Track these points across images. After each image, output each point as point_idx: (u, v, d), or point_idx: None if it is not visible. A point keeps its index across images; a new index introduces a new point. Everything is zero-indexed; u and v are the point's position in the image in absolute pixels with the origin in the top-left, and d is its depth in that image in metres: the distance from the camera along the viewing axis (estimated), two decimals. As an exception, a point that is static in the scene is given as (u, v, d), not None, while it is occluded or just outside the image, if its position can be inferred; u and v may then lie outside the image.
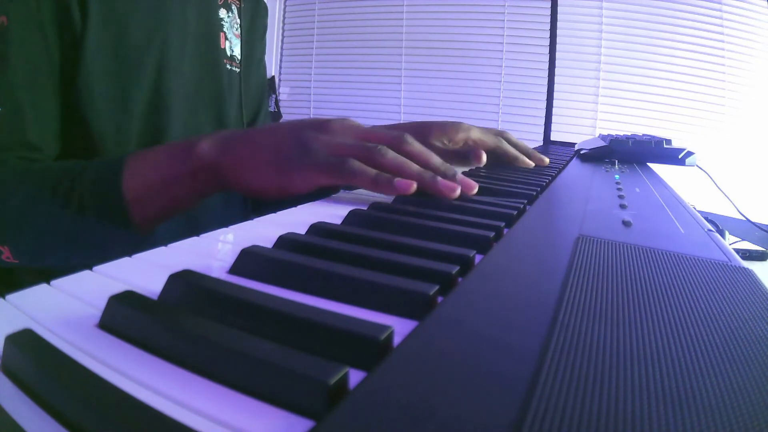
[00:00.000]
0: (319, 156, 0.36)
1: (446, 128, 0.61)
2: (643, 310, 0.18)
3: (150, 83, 0.52)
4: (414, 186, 0.36)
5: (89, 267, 0.22)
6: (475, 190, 0.39)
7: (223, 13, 0.62)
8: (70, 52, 0.47)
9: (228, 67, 0.63)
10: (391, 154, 0.36)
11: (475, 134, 0.62)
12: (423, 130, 0.60)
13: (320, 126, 0.38)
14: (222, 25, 0.62)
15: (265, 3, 0.75)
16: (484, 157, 0.56)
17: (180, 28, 0.54)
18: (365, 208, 0.33)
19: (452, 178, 0.38)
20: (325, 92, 2.50)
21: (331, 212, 0.35)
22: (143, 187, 0.37)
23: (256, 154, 0.37)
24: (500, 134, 0.65)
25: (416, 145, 0.39)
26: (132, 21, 0.50)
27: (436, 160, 0.39)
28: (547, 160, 0.67)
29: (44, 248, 0.39)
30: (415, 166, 0.37)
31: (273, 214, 0.35)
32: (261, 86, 0.77)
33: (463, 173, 0.56)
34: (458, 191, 0.37)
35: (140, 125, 0.52)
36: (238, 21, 0.65)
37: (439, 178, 0.36)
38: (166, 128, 0.54)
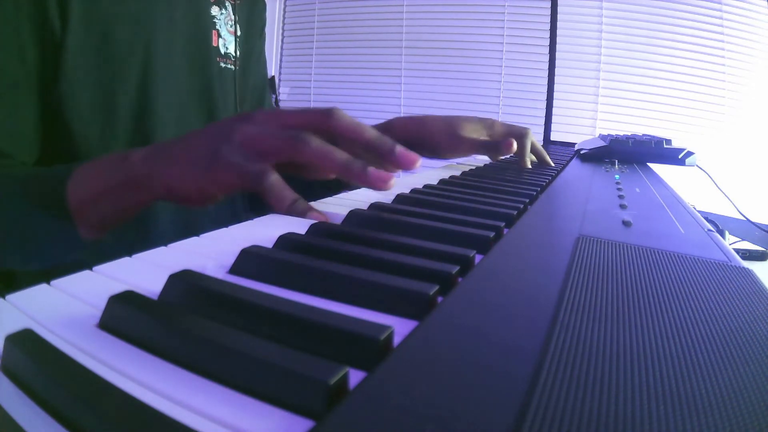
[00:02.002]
0: (233, 153, 0.33)
1: (473, 123, 0.64)
2: (643, 310, 0.18)
3: (136, 85, 0.51)
4: (327, 219, 0.33)
5: (89, 267, 0.22)
6: (419, 163, 0.35)
7: (215, 10, 0.61)
8: (50, 58, 0.46)
9: (221, 65, 0.62)
10: (315, 144, 0.32)
11: (500, 129, 0.66)
12: (451, 122, 0.63)
13: (242, 118, 0.35)
14: (214, 22, 0.61)
15: None
16: (515, 146, 0.59)
17: (167, 27, 0.54)
18: (365, 208, 0.33)
19: (389, 151, 0.34)
20: (325, 92, 2.50)
21: (331, 212, 0.35)
22: (83, 198, 0.36)
23: (178, 157, 0.35)
24: (524, 133, 0.67)
25: (345, 120, 0.34)
26: (116, 22, 0.49)
27: (368, 133, 0.35)
28: (551, 164, 0.69)
29: (2, 250, 0.39)
30: (341, 155, 0.33)
31: (273, 214, 0.35)
32: (261, 82, 0.76)
33: (462, 174, 0.56)
34: (392, 182, 0.33)
35: (128, 128, 0.51)
36: (233, 18, 0.64)
37: (370, 169, 0.33)
38: (155, 130, 0.53)
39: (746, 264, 0.25)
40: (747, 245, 1.01)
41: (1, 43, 0.43)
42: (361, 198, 0.42)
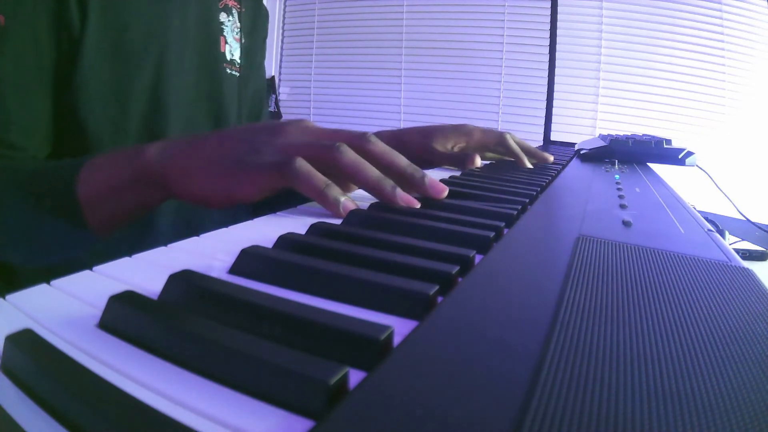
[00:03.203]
0: (266, 156, 0.33)
1: (447, 132, 0.63)
2: (643, 310, 0.18)
3: (149, 85, 0.52)
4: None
5: (89, 267, 0.22)
6: (445, 194, 0.37)
7: (223, 16, 0.62)
8: (68, 53, 0.46)
9: (228, 71, 0.63)
10: (351, 154, 0.33)
11: (477, 135, 0.65)
12: (426, 134, 0.63)
13: (274, 128, 0.35)
14: (222, 29, 0.62)
15: (266, 9, 0.75)
16: (478, 161, 0.59)
17: (180, 30, 0.55)
18: (365, 208, 0.33)
19: (420, 180, 0.36)
20: (325, 92, 2.50)
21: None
22: (94, 192, 0.35)
23: (201, 159, 0.34)
24: (503, 134, 0.67)
25: (380, 145, 0.35)
26: (132, 23, 0.50)
27: (401, 161, 0.36)
28: (551, 158, 0.68)
29: (6, 244, 0.39)
30: (374, 171, 0.34)
31: (273, 215, 0.35)
32: (260, 92, 0.77)
33: (462, 174, 0.56)
34: (417, 205, 0.34)
35: (139, 127, 0.52)
36: (239, 25, 0.65)
37: (398, 191, 0.34)
38: (165, 130, 0.54)
39: (746, 264, 0.25)
40: (747, 245, 1.01)
41: (17, 37, 0.44)
42: (360, 198, 0.42)
